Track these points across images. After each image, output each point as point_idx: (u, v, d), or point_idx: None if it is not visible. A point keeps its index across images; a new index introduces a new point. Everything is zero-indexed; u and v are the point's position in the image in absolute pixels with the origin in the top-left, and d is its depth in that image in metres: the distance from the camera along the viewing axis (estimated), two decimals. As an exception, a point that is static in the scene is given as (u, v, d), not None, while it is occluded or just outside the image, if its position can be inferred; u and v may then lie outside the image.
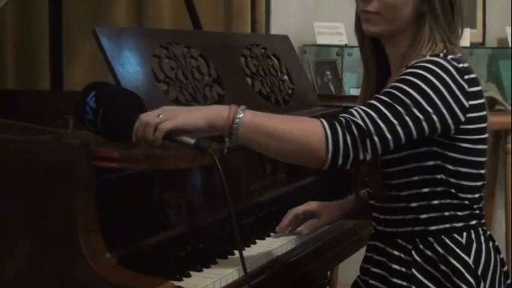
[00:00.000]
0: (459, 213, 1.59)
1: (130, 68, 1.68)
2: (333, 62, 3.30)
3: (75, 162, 1.34)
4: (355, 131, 1.43)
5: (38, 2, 2.81)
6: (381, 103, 1.48)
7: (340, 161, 1.43)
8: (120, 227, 1.46)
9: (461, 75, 1.53)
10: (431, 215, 1.59)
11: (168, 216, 1.62)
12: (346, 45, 3.23)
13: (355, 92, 3.28)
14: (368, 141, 1.44)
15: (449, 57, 1.54)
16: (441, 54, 1.55)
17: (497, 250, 1.66)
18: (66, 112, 2.33)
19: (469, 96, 1.53)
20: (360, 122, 1.44)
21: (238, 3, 3.09)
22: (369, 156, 1.45)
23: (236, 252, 1.61)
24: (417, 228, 1.60)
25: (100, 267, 1.31)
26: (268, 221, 1.86)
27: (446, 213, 1.59)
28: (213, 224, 1.73)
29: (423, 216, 1.60)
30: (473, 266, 1.58)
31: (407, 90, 1.48)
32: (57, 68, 2.87)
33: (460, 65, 1.55)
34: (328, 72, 3.26)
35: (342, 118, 1.46)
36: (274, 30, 3.23)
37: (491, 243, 1.65)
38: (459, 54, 1.59)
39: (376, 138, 1.44)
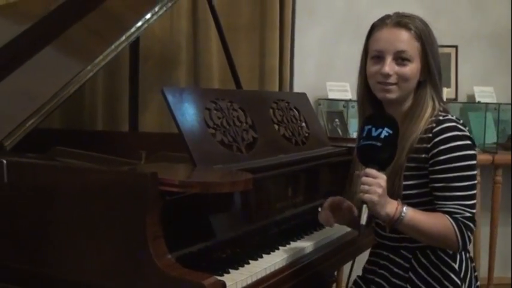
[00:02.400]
0: None
1: (188, 117, 1.69)
2: (341, 112, 3.28)
3: (146, 186, 1.35)
4: (471, 225, 1.49)
5: (122, 66, 2.86)
6: (464, 190, 1.49)
7: (465, 248, 1.52)
8: (177, 234, 1.46)
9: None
10: None
11: (214, 227, 1.62)
12: (350, 100, 3.22)
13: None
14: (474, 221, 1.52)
15: (459, 120, 1.54)
16: (449, 116, 1.54)
17: (471, 260, 1.65)
18: (139, 148, 2.39)
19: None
20: (468, 214, 1.49)
21: (269, 67, 3.07)
22: None
23: (264, 255, 1.63)
24: (416, 244, 1.57)
25: (163, 264, 1.33)
26: (289, 233, 1.84)
27: None
28: (246, 234, 1.72)
29: None
30: (458, 270, 1.57)
31: (467, 175, 1.50)
32: (134, 114, 2.92)
33: (461, 121, 1.56)
34: (336, 120, 3.25)
35: (461, 219, 1.48)
36: (296, 87, 3.22)
37: (467, 254, 1.63)
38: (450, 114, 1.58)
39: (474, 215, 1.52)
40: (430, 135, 1.52)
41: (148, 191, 1.35)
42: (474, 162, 1.52)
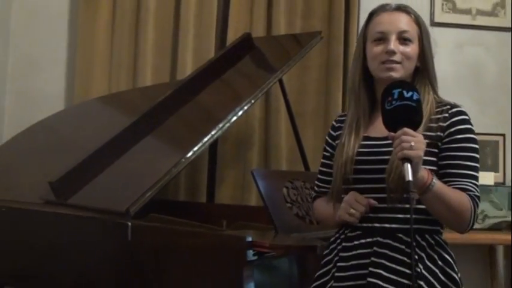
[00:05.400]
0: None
1: (272, 193, 2.15)
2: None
3: (243, 247, 1.80)
4: (479, 203, 1.56)
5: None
6: (474, 170, 1.57)
7: (471, 228, 1.56)
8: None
9: None
10: (429, 217, 1.57)
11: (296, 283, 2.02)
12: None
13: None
14: None
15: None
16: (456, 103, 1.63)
17: None
18: (216, 217, 2.83)
19: None
20: (478, 194, 1.57)
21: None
22: None
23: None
24: (417, 227, 1.54)
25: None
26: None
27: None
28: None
29: (422, 216, 1.56)
30: (454, 258, 1.62)
31: (477, 157, 1.59)
32: (212, 187, 3.41)
33: None
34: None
35: (473, 196, 1.55)
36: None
37: None
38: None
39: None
40: (447, 114, 1.59)
41: (245, 250, 1.81)
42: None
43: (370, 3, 2.02)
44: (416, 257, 1.53)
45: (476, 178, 1.58)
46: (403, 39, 1.62)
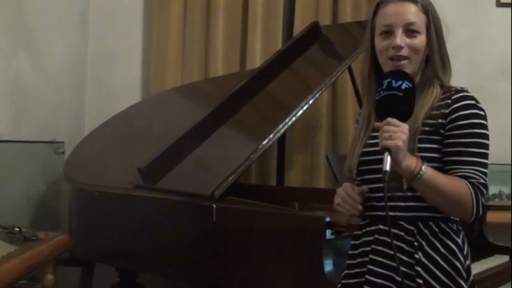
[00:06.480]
0: None
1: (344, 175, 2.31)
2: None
3: (322, 226, 1.97)
4: (484, 191, 1.52)
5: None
6: (480, 157, 1.52)
7: (477, 216, 1.52)
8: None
9: None
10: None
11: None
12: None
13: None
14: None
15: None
16: (465, 88, 1.59)
17: (466, 237, 1.63)
18: (287, 199, 2.98)
19: None
20: (482, 181, 1.52)
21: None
22: None
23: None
24: (420, 214, 1.55)
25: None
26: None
27: None
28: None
29: (426, 204, 1.54)
30: (461, 246, 1.58)
31: (484, 143, 1.54)
32: (281, 171, 3.60)
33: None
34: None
35: (477, 184, 1.50)
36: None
37: (463, 232, 1.62)
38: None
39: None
40: (449, 101, 1.55)
41: (324, 230, 1.97)
42: (488, 132, 1.56)
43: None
44: (416, 244, 1.53)
45: (481, 165, 1.53)
46: (410, 32, 1.58)
